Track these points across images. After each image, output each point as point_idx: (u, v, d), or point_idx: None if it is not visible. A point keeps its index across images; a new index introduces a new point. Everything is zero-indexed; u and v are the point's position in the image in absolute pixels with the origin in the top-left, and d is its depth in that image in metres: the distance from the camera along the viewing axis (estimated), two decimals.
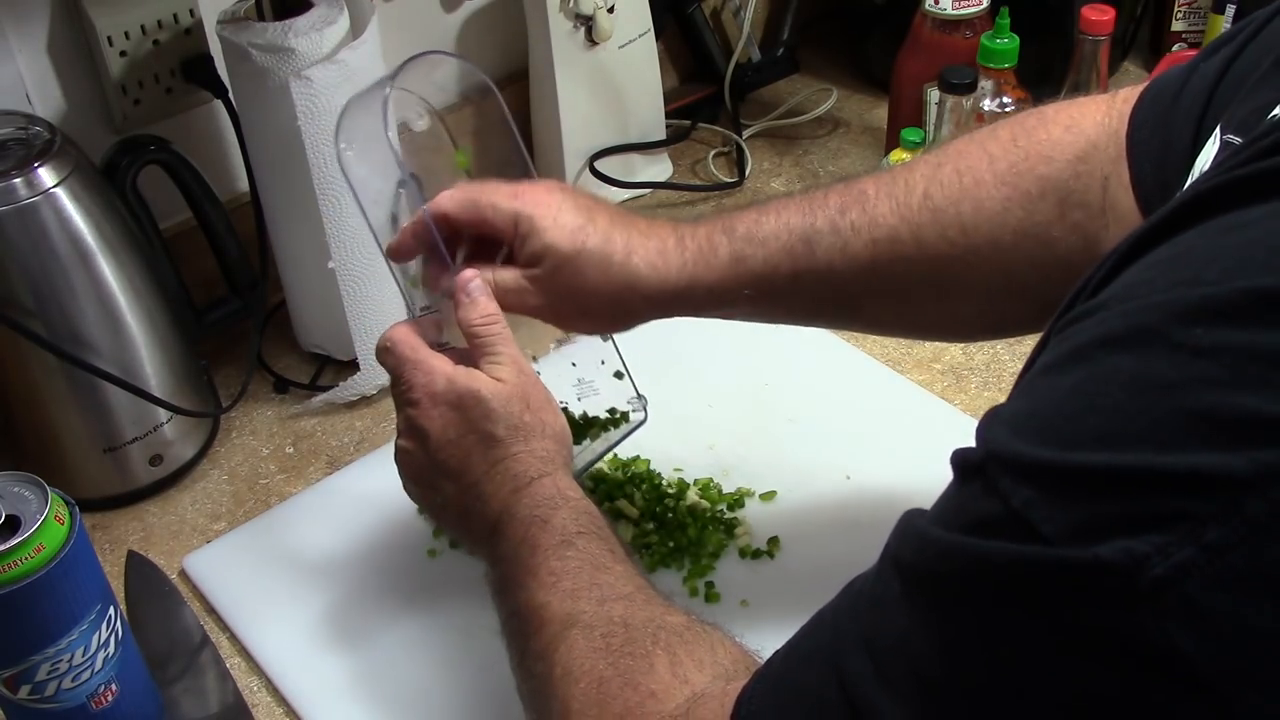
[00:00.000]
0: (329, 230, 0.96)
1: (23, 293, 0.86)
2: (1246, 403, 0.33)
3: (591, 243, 0.73)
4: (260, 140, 0.98)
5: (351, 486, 0.96)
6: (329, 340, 1.07)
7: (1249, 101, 0.58)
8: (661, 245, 0.74)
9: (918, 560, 0.43)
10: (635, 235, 0.74)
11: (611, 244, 0.73)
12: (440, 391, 0.71)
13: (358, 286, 0.99)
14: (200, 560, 0.91)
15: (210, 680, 0.84)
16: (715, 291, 0.74)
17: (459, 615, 0.86)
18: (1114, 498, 0.35)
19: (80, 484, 0.93)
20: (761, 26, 1.45)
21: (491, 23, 1.24)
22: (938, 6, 1.16)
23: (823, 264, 0.72)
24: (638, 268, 0.73)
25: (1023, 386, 0.43)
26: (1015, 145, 0.71)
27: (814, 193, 0.75)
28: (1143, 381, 0.36)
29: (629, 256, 0.73)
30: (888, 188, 0.73)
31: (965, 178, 0.71)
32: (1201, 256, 0.38)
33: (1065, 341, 0.40)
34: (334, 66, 0.90)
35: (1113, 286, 0.41)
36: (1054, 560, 0.36)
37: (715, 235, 0.74)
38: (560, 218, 0.73)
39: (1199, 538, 0.33)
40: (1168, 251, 0.40)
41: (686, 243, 0.74)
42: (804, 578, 0.88)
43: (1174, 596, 0.34)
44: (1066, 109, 0.73)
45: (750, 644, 0.83)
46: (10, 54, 0.95)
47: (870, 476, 0.94)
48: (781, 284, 0.74)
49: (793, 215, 0.73)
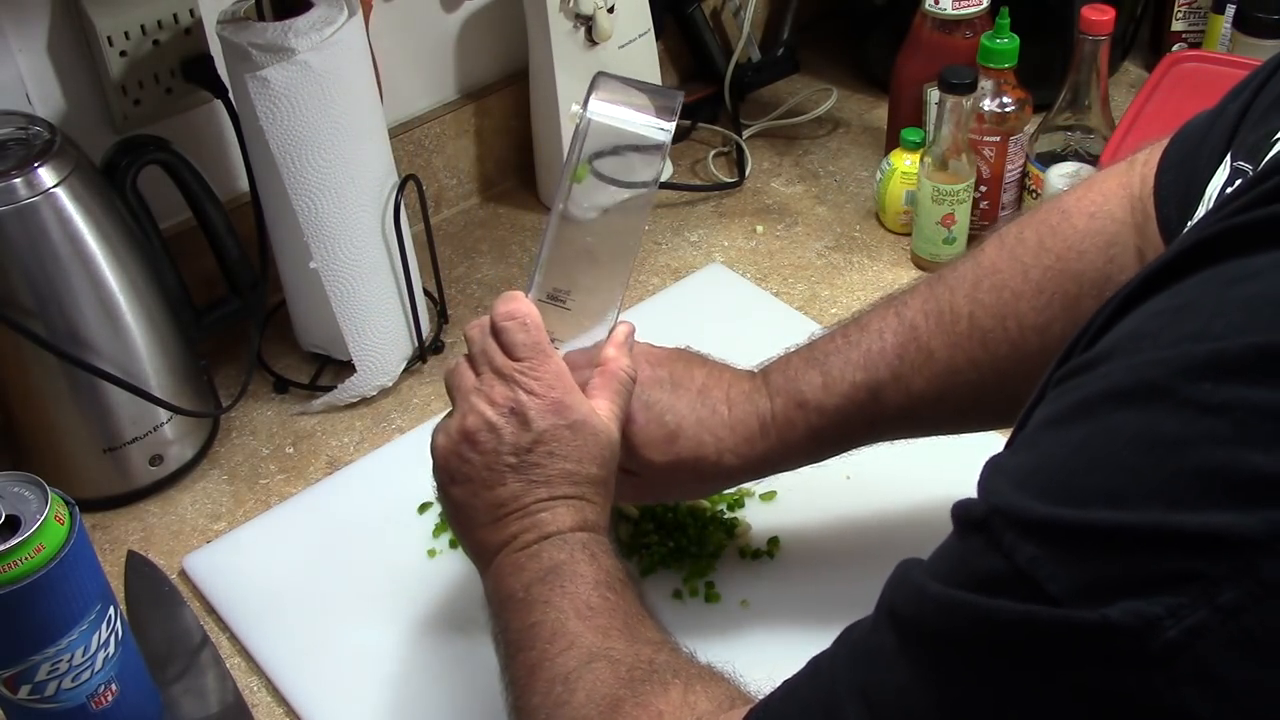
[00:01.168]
0: (305, 229, 0.96)
1: (23, 293, 0.86)
2: (1259, 461, 0.33)
3: (685, 454, 0.77)
4: (260, 140, 0.98)
5: (351, 486, 0.97)
6: (329, 340, 1.07)
7: (1260, 127, 0.59)
8: (749, 436, 0.77)
9: (916, 615, 0.42)
10: (724, 432, 0.77)
11: (703, 449, 0.77)
12: (563, 401, 0.69)
13: (345, 286, 0.99)
14: (200, 560, 0.91)
15: (210, 680, 0.84)
16: (796, 461, 0.80)
17: (459, 615, 0.86)
18: (1123, 557, 0.35)
19: (80, 484, 0.93)
20: (761, 26, 1.45)
21: (491, 23, 1.24)
22: (938, 6, 1.16)
23: (892, 410, 0.76)
24: (729, 464, 0.77)
25: (1025, 439, 0.42)
26: (1044, 250, 0.73)
27: (867, 331, 0.77)
28: (1151, 438, 0.35)
29: (720, 457, 0.77)
30: (936, 319, 0.75)
31: (1004, 293, 0.73)
32: (1207, 309, 0.37)
33: (1068, 394, 0.40)
34: (293, 66, 0.90)
35: (1113, 335, 0.40)
36: (1061, 621, 0.35)
37: (792, 413, 0.77)
38: (649, 431, 0.76)
39: (1212, 599, 0.33)
40: (1170, 301, 0.39)
41: (770, 430, 0.77)
42: (804, 578, 0.88)
43: (1187, 659, 0.33)
44: (1086, 195, 0.74)
45: (750, 644, 0.84)
46: (10, 54, 0.95)
47: (870, 476, 0.94)
48: (858, 438, 0.79)
49: (857, 371, 0.76)
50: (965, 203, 1.11)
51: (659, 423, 0.76)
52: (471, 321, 0.74)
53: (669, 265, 1.19)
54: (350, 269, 0.99)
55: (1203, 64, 1.20)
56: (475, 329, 0.73)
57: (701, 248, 1.20)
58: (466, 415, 0.70)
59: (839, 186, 1.29)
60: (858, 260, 1.17)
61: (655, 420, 0.76)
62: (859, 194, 1.27)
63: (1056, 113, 1.13)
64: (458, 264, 1.21)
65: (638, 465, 0.77)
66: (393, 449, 1.00)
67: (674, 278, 1.17)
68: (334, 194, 0.96)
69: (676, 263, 1.19)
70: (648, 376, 0.78)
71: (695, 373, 0.79)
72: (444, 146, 1.24)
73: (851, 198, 1.27)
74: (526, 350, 0.70)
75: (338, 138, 0.95)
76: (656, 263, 1.20)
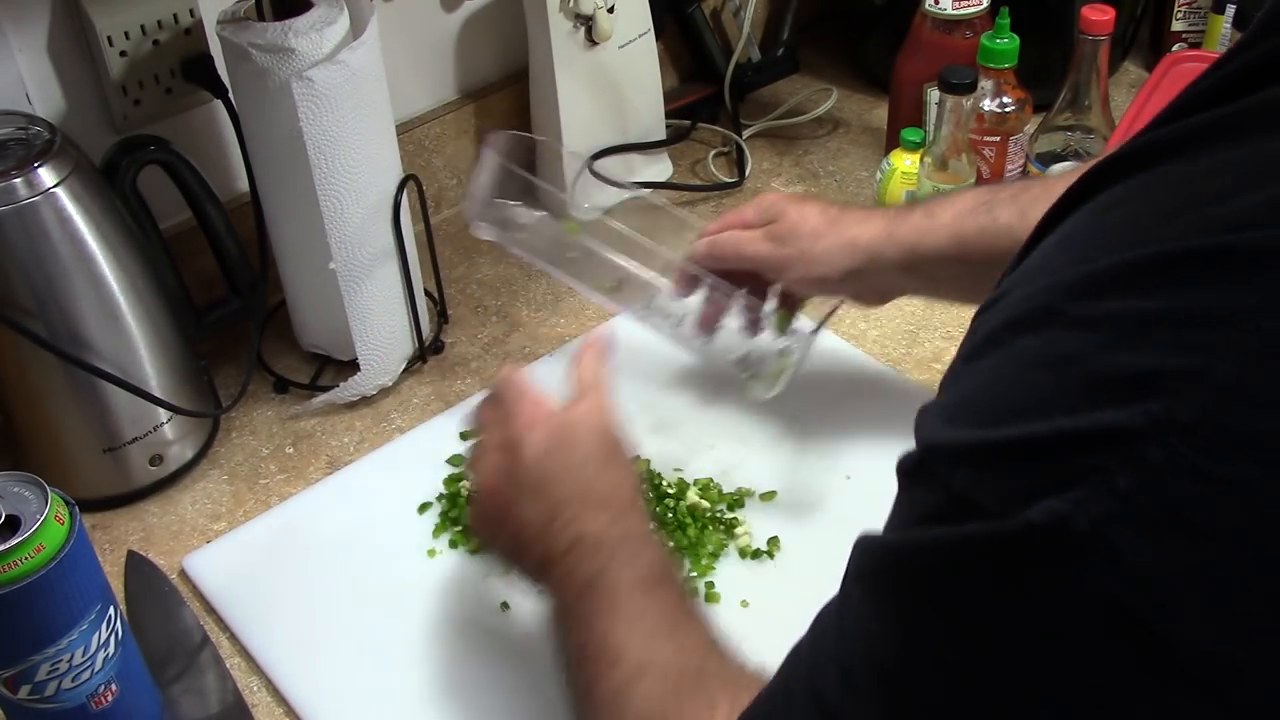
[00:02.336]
0: (330, 230, 0.96)
1: (23, 293, 0.86)
2: (1134, 361, 0.37)
3: (855, 264, 0.88)
4: (260, 140, 0.98)
5: (351, 486, 0.97)
6: (329, 340, 1.07)
7: None
8: (885, 224, 0.88)
9: (872, 565, 0.46)
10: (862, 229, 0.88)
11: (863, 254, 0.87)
12: (540, 416, 0.74)
13: (358, 286, 0.99)
14: (200, 560, 0.91)
15: (210, 680, 0.84)
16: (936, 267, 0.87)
17: (459, 615, 0.86)
18: (1036, 464, 0.38)
19: (80, 484, 0.92)
20: (761, 26, 1.45)
21: (491, 23, 1.24)
22: (938, 6, 1.16)
23: (1002, 221, 0.84)
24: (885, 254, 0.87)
25: (948, 377, 0.45)
26: None
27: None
28: (1047, 356, 0.39)
29: (875, 254, 0.87)
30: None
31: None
32: (1082, 238, 0.42)
33: (979, 330, 0.44)
34: (335, 67, 0.90)
35: (1014, 275, 0.44)
36: (994, 532, 0.38)
37: (920, 220, 0.87)
38: (816, 260, 0.89)
39: (1111, 488, 0.36)
40: (1056, 238, 0.44)
41: (904, 224, 0.87)
42: (804, 578, 0.87)
43: (1099, 547, 0.36)
44: None
45: (750, 645, 0.83)
46: (10, 54, 0.95)
47: (870, 476, 0.94)
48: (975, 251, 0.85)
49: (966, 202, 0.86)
50: None
51: (828, 246, 0.88)
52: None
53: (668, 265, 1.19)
54: (364, 269, 0.99)
55: (1203, 64, 1.18)
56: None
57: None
58: (476, 475, 0.75)
59: (839, 186, 1.29)
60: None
61: (816, 213, 0.90)
62: (859, 194, 1.27)
63: (1056, 113, 1.13)
64: (458, 264, 1.21)
65: (820, 285, 0.91)
66: (393, 449, 1.00)
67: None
68: (357, 195, 0.96)
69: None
70: (780, 198, 0.92)
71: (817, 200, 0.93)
72: (444, 146, 1.24)
73: (851, 198, 1.27)
74: (504, 401, 0.76)
75: (365, 138, 0.95)
76: (656, 263, 1.20)
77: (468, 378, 1.08)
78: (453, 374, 1.09)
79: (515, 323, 1.14)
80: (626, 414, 0.77)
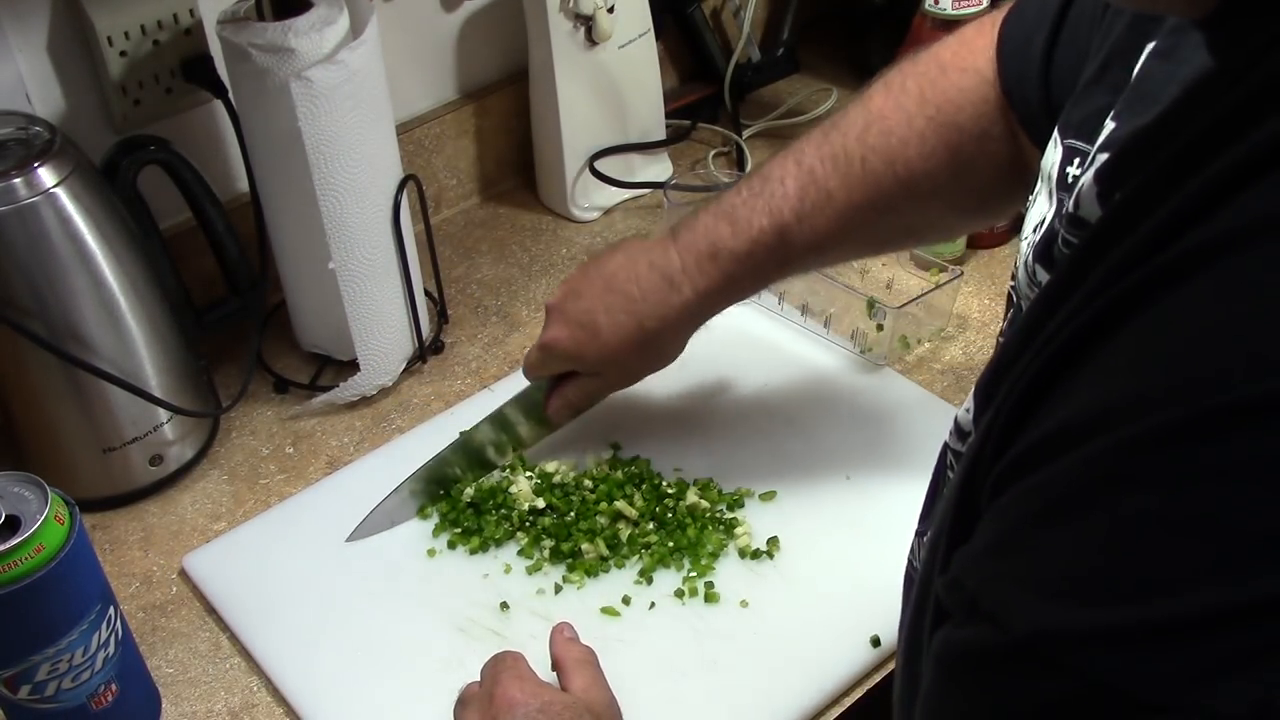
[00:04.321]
0: (329, 230, 0.96)
1: (23, 293, 0.86)
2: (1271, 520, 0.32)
3: (611, 339, 0.87)
4: (260, 140, 0.98)
5: (351, 486, 0.96)
6: (329, 340, 1.07)
7: (1083, 106, 0.61)
8: (661, 298, 0.85)
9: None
10: (637, 305, 0.86)
11: (623, 328, 0.86)
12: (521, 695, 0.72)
13: (358, 286, 0.99)
14: (200, 560, 0.91)
15: None
16: (716, 306, 0.87)
17: (459, 615, 0.86)
18: (1202, 643, 0.33)
19: (80, 484, 0.93)
20: (761, 26, 1.45)
21: (491, 23, 1.24)
22: (938, 6, 1.16)
23: (800, 247, 0.82)
24: (653, 328, 0.86)
25: (1012, 536, 0.39)
26: (925, 101, 0.79)
27: (769, 180, 0.83)
28: (1177, 517, 0.34)
29: (641, 325, 0.86)
30: (831, 162, 0.81)
31: (891, 139, 0.79)
32: (1154, 366, 0.36)
33: (1048, 485, 0.38)
34: (334, 67, 0.90)
35: (1067, 409, 0.39)
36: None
37: (704, 264, 0.84)
38: (577, 337, 0.88)
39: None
40: (1114, 361, 0.38)
41: (682, 284, 0.85)
42: (803, 578, 0.88)
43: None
44: (960, 51, 0.79)
45: (748, 644, 0.84)
46: (10, 54, 0.95)
47: (870, 476, 0.94)
48: (772, 275, 0.85)
49: (762, 217, 0.82)
50: None
51: (578, 325, 0.88)
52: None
53: None
54: (364, 269, 0.99)
55: None
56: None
57: None
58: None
59: None
60: (856, 260, 1.16)
61: (575, 325, 0.88)
62: None
63: None
64: (457, 264, 1.21)
65: (589, 367, 0.90)
66: (392, 449, 1.00)
67: None
68: (356, 195, 0.96)
69: None
70: (558, 299, 0.90)
71: (604, 266, 0.88)
72: (444, 146, 1.24)
73: None
74: (489, 677, 0.74)
75: (364, 138, 0.95)
76: None
77: (468, 378, 1.08)
78: (453, 374, 1.09)
79: (515, 323, 1.14)
80: (628, 413, 0.77)
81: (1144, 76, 0.56)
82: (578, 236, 1.24)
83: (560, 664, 0.76)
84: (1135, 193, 0.42)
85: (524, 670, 0.73)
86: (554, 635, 0.79)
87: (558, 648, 0.77)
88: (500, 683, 0.72)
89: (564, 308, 0.89)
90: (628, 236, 0.90)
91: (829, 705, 0.81)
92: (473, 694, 0.74)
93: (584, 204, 1.26)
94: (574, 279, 0.90)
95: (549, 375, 0.93)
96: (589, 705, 0.72)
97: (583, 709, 0.71)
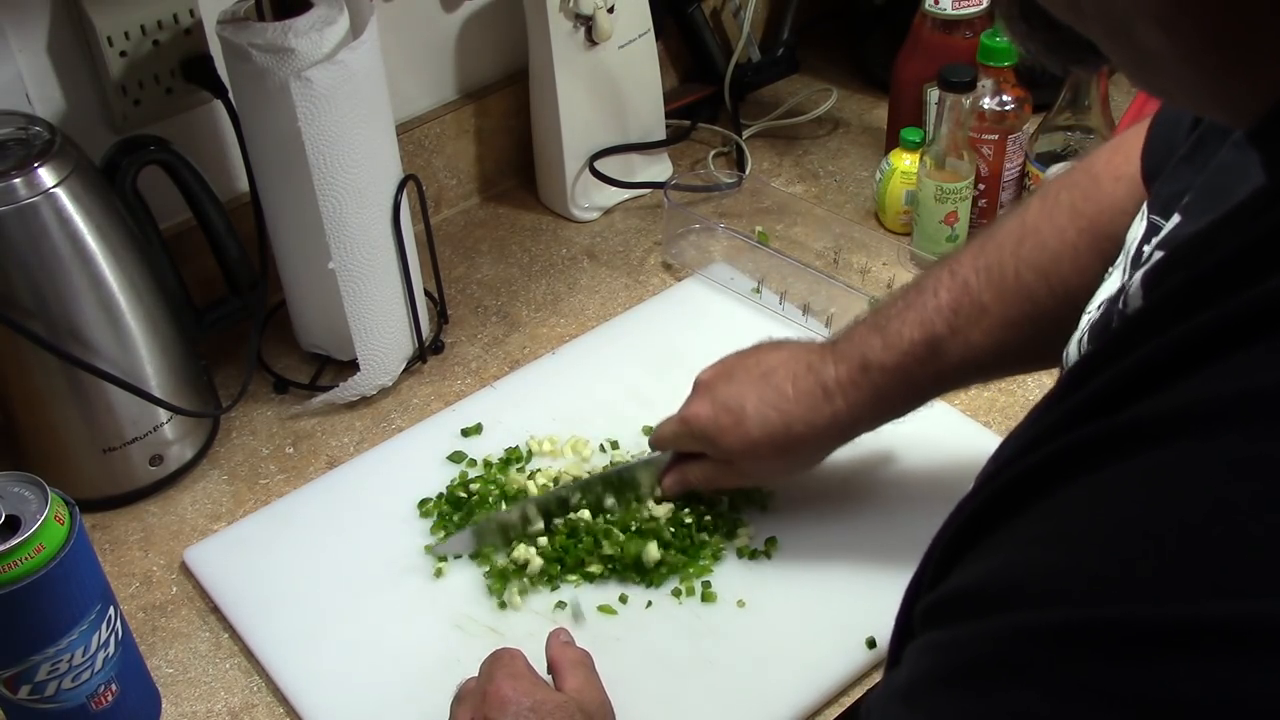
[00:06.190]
0: (329, 230, 0.96)
1: (23, 293, 0.86)
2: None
3: (754, 431, 0.83)
4: (260, 140, 0.98)
5: (351, 485, 0.97)
6: (329, 340, 1.08)
7: (1170, 182, 0.59)
8: (814, 404, 0.83)
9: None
10: (789, 405, 0.83)
11: (769, 424, 0.83)
12: (513, 694, 0.72)
13: (358, 286, 0.99)
14: (201, 553, 0.91)
15: None
16: (870, 422, 0.84)
17: (458, 613, 0.86)
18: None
19: (80, 484, 0.93)
20: (761, 26, 1.45)
21: (491, 23, 1.24)
22: (938, 6, 1.16)
23: (954, 361, 0.80)
24: (800, 433, 0.83)
25: (922, 694, 0.38)
26: (1077, 213, 0.76)
27: (922, 291, 0.81)
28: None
29: (789, 428, 0.83)
30: (986, 274, 0.79)
31: (1045, 253, 0.77)
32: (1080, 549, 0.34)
33: (954, 646, 0.37)
34: (334, 67, 0.90)
35: (978, 571, 0.37)
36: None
37: (856, 375, 0.82)
38: (720, 420, 0.84)
39: None
40: (1041, 527, 0.36)
41: (834, 395, 0.82)
42: (801, 578, 0.88)
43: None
44: (1113, 159, 0.76)
45: (745, 644, 0.84)
46: (10, 54, 0.95)
47: (869, 477, 0.94)
48: (928, 390, 0.83)
49: (914, 329, 0.80)
50: (967, 200, 1.12)
51: (725, 409, 0.84)
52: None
53: (668, 265, 1.19)
54: (364, 269, 0.99)
55: None
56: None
57: (701, 247, 1.20)
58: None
59: (839, 186, 1.29)
60: (857, 260, 1.17)
61: (722, 408, 0.84)
62: (859, 194, 1.28)
63: (1056, 113, 1.13)
64: (457, 264, 1.21)
65: (722, 453, 0.86)
66: (392, 448, 1.00)
67: (673, 278, 1.18)
68: (356, 195, 0.96)
69: (675, 263, 1.19)
70: (710, 377, 0.87)
71: (765, 358, 0.86)
72: (444, 146, 1.24)
73: (851, 198, 1.27)
74: (484, 675, 0.74)
75: (364, 138, 0.95)
76: (655, 263, 1.20)
77: (467, 378, 1.08)
78: (452, 374, 1.09)
79: (515, 323, 1.14)
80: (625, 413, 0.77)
81: (1219, 168, 0.54)
82: (578, 236, 1.24)
83: (555, 665, 0.76)
84: (1127, 327, 0.39)
85: (519, 668, 0.73)
86: (550, 639, 0.79)
87: (554, 650, 0.78)
88: (494, 679, 0.72)
89: (714, 386, 0.86)
90: (790, 338, 0.89)
91: (825, 705, 0.81)
92: (468, 690, 0.75)
93: (584, 204, 1.26)
94: (731, 361, 0.88)
95: (675, 450, 0.90)
96: (581, 705, 0.72)
97: (574, 709, 0.71)
